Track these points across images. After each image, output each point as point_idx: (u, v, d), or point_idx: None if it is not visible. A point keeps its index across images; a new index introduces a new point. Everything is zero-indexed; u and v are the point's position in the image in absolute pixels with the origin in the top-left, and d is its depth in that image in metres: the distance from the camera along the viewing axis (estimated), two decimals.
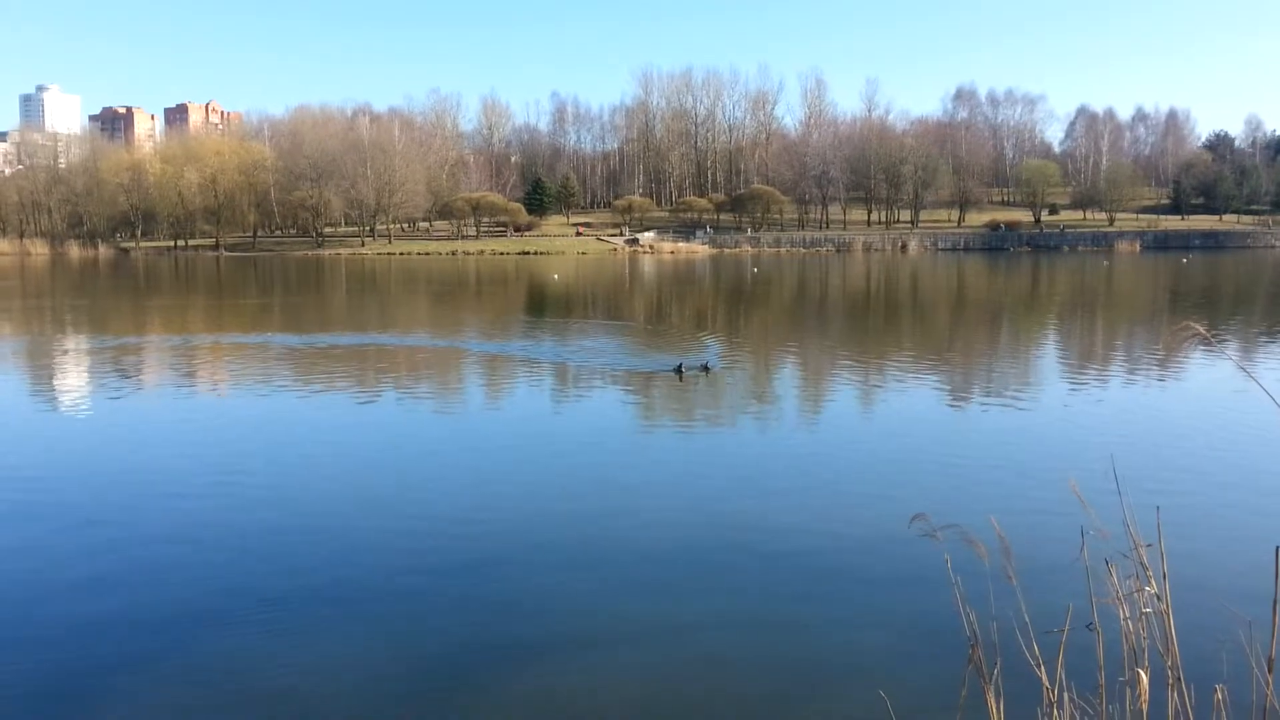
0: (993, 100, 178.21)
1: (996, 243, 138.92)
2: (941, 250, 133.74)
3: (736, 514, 12.77)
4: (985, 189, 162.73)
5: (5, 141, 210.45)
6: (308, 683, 8.12)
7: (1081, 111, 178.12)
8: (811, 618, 9.42)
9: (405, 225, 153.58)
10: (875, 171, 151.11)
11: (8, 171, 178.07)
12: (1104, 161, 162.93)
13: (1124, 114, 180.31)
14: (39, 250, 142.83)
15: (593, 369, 25.85)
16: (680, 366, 23.90)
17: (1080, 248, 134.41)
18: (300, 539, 11.79)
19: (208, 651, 8.71)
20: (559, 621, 9.29)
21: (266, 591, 10.10)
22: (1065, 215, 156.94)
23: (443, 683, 8.12)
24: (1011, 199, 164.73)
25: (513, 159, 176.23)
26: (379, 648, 8.78)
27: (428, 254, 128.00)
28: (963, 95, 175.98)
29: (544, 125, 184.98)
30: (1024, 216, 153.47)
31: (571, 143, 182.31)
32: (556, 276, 77.40)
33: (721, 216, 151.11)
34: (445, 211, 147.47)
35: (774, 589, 10.12)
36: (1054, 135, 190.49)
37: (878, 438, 18.36)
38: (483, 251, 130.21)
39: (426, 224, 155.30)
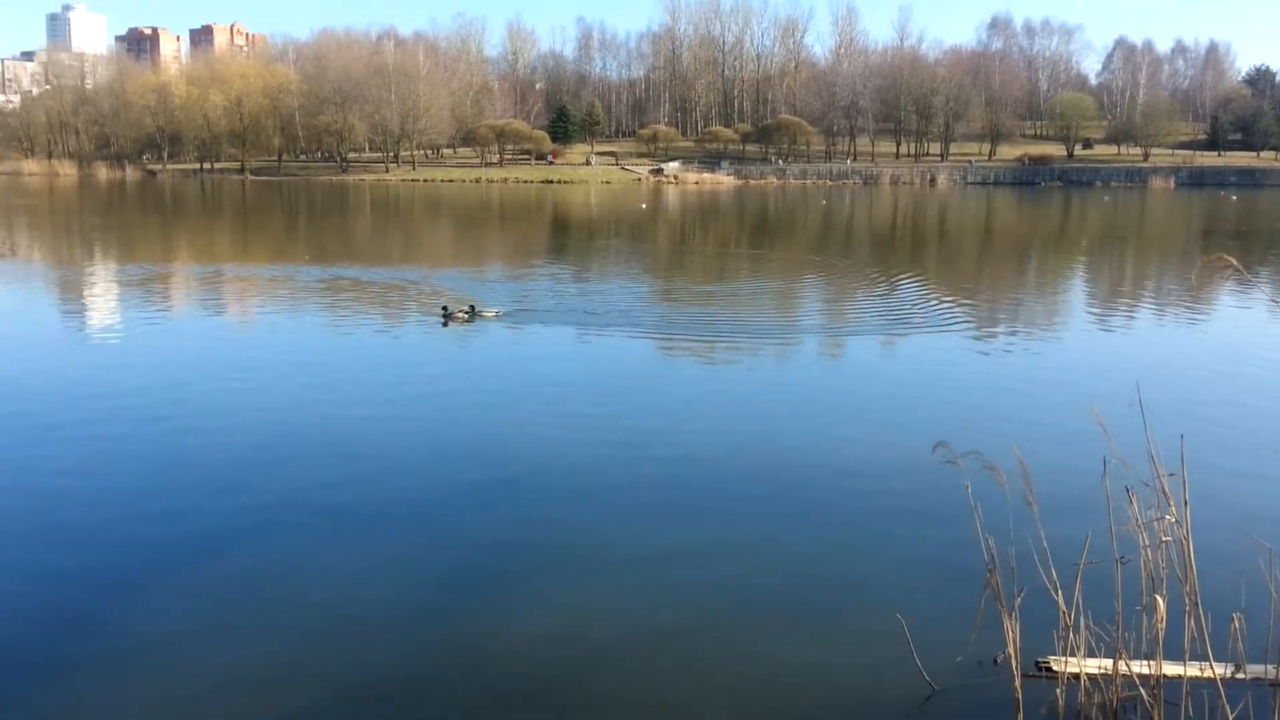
0: (1029, 30, 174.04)
1: (1027, 177, 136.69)
2: (971, 184, 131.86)
3: (757, 441, 12.79)
4: (1018, 122, 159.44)
5: (33, 61, 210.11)
6: (338, 593, 8.29)
7: (1119, 43, 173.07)
8: (830, 543, 9.47)
9: (429, 152, 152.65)
10: (905, 103, 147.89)
11: (35, 92, 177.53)
12: (1141, 95, 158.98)
13: (1163, 46, 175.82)
14: (67, 171, 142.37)
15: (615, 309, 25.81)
16: (445, 308, 22.14)
17: (1113, 183, 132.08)
18: (326, 462, 11.88)
19: (240, 561, 8.88)
20: (577, 544, 9.38)
21: (294, 507, 10.31)
22: (1099, 150, 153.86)
23: (463, 602, 8.24)
24: (1045, 133, 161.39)
25: (537, 86, 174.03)
26: (406, 564, 8.96)
27: (451, 181, 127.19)
28: (998, 24, 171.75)
29: (569, 52, 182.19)
30: (1057, 151, 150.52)
31: (597, 70, 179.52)
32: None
33: (747, 147, 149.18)
34: (469, 138, 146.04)
35: (791, 515, 10.16)
36: (1090, 68, 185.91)
37: (901, 367, 18.34)
38: (506, 180, 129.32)
39: (451, 150, 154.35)
